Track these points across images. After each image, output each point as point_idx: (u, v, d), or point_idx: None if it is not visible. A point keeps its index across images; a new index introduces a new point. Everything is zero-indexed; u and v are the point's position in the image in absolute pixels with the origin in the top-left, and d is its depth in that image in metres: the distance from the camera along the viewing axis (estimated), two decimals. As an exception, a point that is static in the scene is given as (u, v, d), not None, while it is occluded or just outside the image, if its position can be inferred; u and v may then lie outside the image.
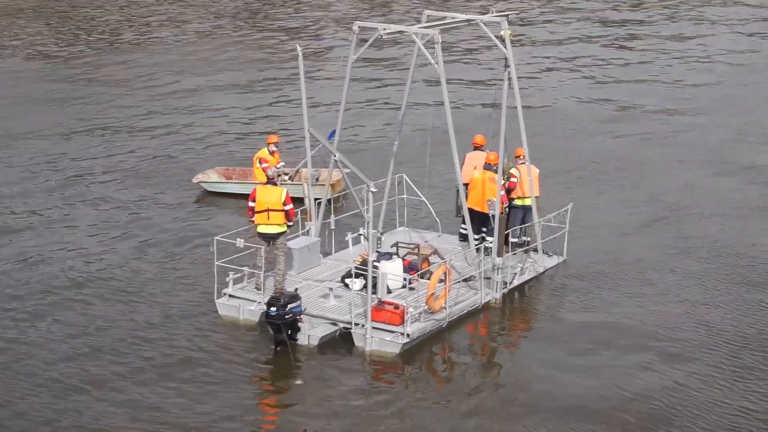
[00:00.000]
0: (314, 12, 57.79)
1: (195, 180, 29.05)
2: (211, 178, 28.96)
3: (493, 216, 21.39)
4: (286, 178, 27.05)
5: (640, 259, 24.05)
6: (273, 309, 19.10)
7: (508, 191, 22.95)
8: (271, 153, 26.73)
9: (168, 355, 19.34)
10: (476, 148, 23.94)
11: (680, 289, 22.45)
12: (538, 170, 23.51)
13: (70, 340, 19.93)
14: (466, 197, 22.51)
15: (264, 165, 26.32)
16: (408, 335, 19.40)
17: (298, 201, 23.03)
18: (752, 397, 18.05)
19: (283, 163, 27.06)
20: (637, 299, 21.95)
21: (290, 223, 20.87)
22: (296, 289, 20.07)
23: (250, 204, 20.76)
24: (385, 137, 32.98)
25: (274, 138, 27.10)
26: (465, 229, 23.47)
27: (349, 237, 23.01)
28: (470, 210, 22.38)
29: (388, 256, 21.41)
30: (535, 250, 23.18)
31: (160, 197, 28.49)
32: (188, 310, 21.19)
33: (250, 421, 17.42)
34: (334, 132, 23.39)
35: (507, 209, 22.48)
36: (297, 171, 26.39)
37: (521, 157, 23.15)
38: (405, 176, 24.36)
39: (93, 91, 40.33)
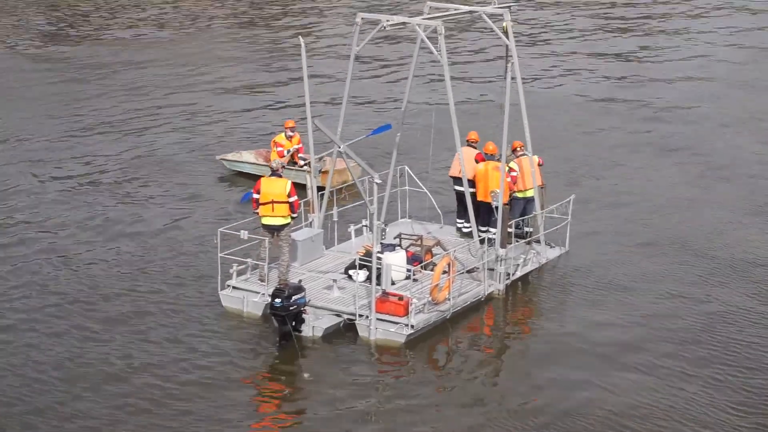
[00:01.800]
0: (318, 4, 57.77)
1: (219, 157, 29.42)
2: (243, 158, 29.20)
3: (497, 207, 21.43)
4: (302, 163, 27.19)
5: (643, 249, 24.09)
6: (277, 300, 19.12)
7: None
8: (288, 138, 27.25)
9: (171, 347, 19.35)
10: (469, 143, 23.91)
11: (684, 280, 22.49)
12: (537, 158, 23.45)
13: (72, 332, 19.95)
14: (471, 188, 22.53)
15: (279, 149, 27.04)
16: (412, 326, 19.44)
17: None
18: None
19: (299, 146, 27.37)
20: (640, 290, 21.98)
21: (294, 215, 20.90)
22: (300, 281, 20.10)
23: (254, 196, 20.78)
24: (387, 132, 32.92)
25: (290, 123, 27.52)
26: (461, 223, 23.55)
27: (352, 228, 23.05)
28: (479, 203, 22.44)
29: (392, 247, 21.45)
30: (538, 241, 23.22)
31: (171, 186, 28.58)
32: (192, 302, 21.20)
33: (254, 413, 17.47)
34: (389, 126, 23.61)
35: (511, 195, 22.51)
36: (321, 158, 26.58)
37: (519, 149, 23.11)
38: (407, 168, 24.38)
39: (101, 83, 40.35)
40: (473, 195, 22.50)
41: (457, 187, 23.40)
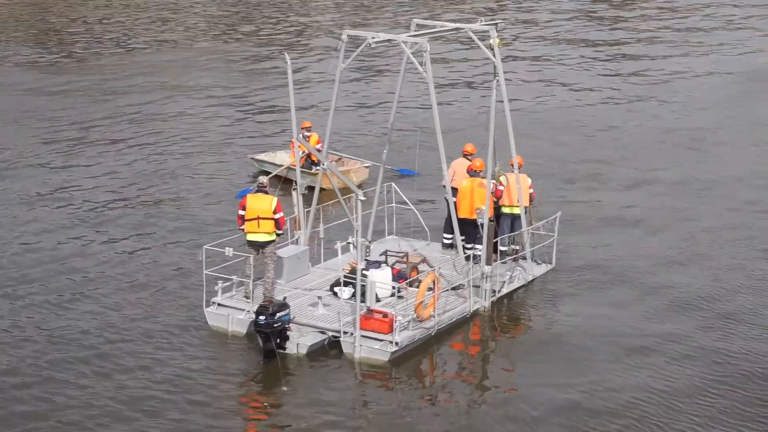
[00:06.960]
0: (302, 20, 57.89)
1: (250, 156, 30.80)
2: (277, 158, 30.04)
3: (482, 224, 21.42)
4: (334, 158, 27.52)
5: (629, 265, 24.07)
6: (261, 318, 19.09)
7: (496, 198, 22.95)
8: (305, 138, 27.92)
9: (155, 364, 19.28)
10: (465, 156, 23.96)
11: (671, 296, 22.49)
12: (530, 180, 23.46)
13: (53, 346, 19.87)
14: (455, 205, 22.54)
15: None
16: (396, 343, 19.41)
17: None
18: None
19: (318, 145, 27.86)
20: (626, 306, 21.98)
21: (280, 232, 20.88)
22: (285, 298, 20.07)
23: (240, 212, 20.76)
24: (375, 145, 32.91)
25: (306, 123, 28.04)
26: (448, 239, 23.52)
27: (338, 246, 23.03)
28: (461, 219, 22.41)
29: (377, 264, 21.42)
30: (524, 257, 23.21)
31: (169, 196, 28.71)
32: (176, 319, 21.14)
33: (237, 431, 17.40)
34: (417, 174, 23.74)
35: (497, 210, 22.50)
36: (340, 158, 27.00)
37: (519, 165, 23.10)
38: (394, 185, 24.40)
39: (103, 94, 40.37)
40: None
41: (448, 197, 23.41)
